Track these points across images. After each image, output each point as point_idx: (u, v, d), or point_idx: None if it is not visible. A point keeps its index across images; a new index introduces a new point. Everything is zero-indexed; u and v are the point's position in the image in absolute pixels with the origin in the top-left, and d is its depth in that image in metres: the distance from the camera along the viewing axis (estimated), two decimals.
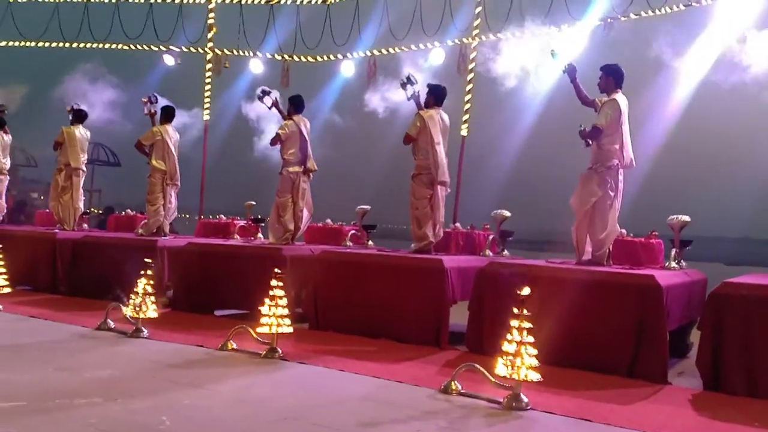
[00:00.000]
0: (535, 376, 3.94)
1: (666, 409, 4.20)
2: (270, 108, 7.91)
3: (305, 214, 7.92)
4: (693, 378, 4.90)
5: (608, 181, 5.79)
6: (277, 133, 7.71)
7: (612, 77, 5.92)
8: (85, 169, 9.75)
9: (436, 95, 6.88)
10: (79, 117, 9.52)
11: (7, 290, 6.95)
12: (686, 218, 6.46)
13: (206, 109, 11.94)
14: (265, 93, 7.97)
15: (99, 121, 9.86)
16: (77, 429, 3.24)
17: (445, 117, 6.89)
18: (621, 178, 5.86)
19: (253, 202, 9.41)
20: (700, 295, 5.98)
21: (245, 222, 9.57)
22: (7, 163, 10.23)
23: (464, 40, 10.45)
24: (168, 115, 8.79)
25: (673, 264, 6.33)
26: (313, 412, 3.78)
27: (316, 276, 6.63)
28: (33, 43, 13.16)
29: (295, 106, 7.88)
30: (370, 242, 8.38)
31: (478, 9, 10.23)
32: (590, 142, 5.88)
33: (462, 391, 4.23)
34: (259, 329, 5.09)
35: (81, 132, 9.49)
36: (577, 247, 6.02)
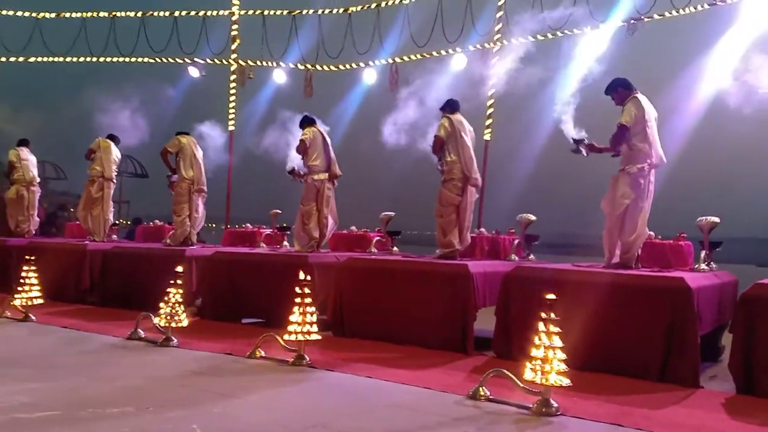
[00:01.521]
0: (565, 381, 3.90)
1: (699, 414, 4.13)
2: None
3: (330, 221, 7.95)
4: (725, 382, 4.82)
5: (640, 182, 5.67)
6: (301, 140, 7.75)
7: (620, 88, 5.85)
8: (115, 180, 9.94)
9: (450, 106, 6.95)
10: (113, 138, 9.76)
11: (40, 301, 7.09)
12: (715, 219, 6.37)
13: (231, 119, 12.09)
14: None
15: (126, 136, 10.03)
16: None
17: (466, 122, 6.90)
18: (652, 179, 5.78)
19: (279, 211, 9.49)
20: (732, 298, 5.88)
21: (271, 230, 9.64)
22: (35, 176, 10.47)
23: (486, 45, 10.45)
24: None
25: (703, 266, 6.23)
26: (341, 419, 3.79)
27: (342, 283, 6.66)
28: (60, 59, 13.45)
29: (308, 122, 7.93)
30: (395, 248, 8.39)
31: (500, 14, 10.23)
32: (580, 150, 6.01)
33: (490, 397, 4.21)
34: (287, 337, 5.13)
35: (114, 145, 9.72)
36: (608, 252, 5.92)
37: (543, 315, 3.97)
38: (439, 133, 6.74)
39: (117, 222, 11.98)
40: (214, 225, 9.63)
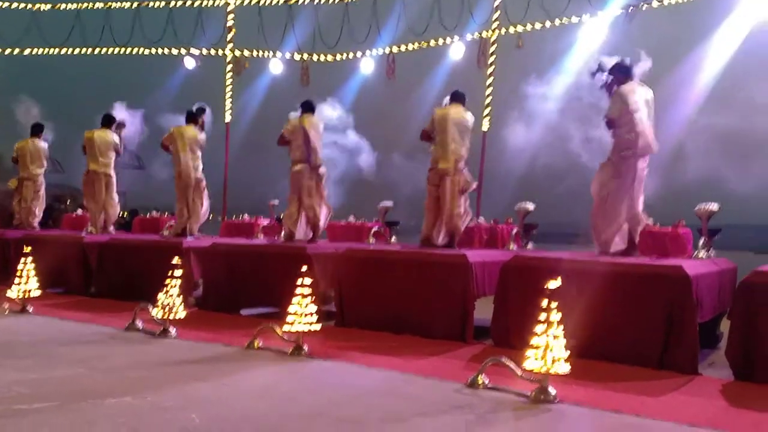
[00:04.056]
0: (564, 369, 3.90)
1: (697, 400, 4.14)
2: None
3: (323, 210, 7.87)
4: (724, 369, 4.82)
5: (622, 170, 5.80)
6: (281, 133, 7.76)
7: (614, 75, 5.99)
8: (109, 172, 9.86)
9: (452, 98, 7.03)
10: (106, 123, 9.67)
11: (37, 293, 7.07)
12: (714, 207, 6.36)
13: (228, 110, 12.04)
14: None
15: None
16: (108, 428, 3.29)
17: (463, 113, 6.87)
18: (642, 166, 5.79)
19: (276, 202, 9.46)
20: (730, 285, 5.88)
21: (269, 221, 9.62)
22: (37, 169, 10.39)
23: (483, 33, 10.41)
24: (186, 116, 8.85)
25: (702, 253, 6.24)
26: (339, 407, 3.79)
27: (341, 274, 6.65)
28: (56, 50, 13.38)
29: (305, 108, 7.88)
30: (394, 239, 8.38)
31: (497, 2, 10.17)
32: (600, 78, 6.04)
33: (489, 385, 4.21)
34: (285, 327, 5.12)
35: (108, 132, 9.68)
36: (596, 239, 6.02)
37: (543, 303, 3.96)
38: (426, 128, 6.90)
39: (123, 214, 11.99)
40: (211, 216, 9.58)
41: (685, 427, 3.55)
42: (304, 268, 5.20)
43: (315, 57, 11.87)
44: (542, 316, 3.96)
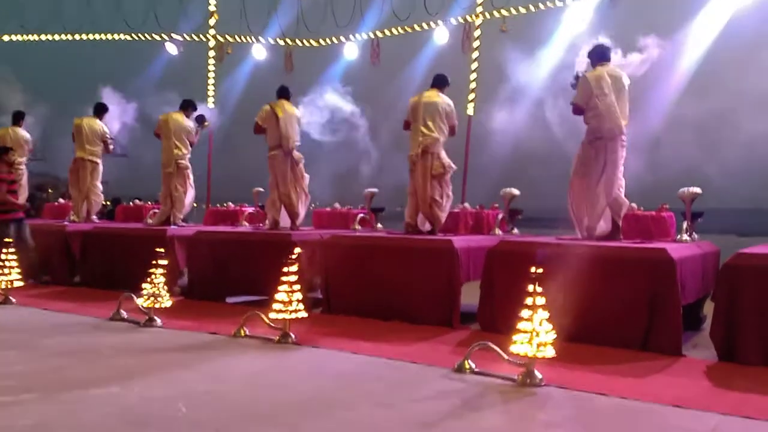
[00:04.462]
0: (549, 353, 3.93)
1: (681, 381, 4.19)
2: None
3: (302, 196, 7.80)
4: (707, 350, 4.88)
5: (593, 155, 5.87)
6: (255, 121, 7.75)
7: (589, 59, 6.07)
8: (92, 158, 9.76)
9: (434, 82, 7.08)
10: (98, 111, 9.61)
11: (20, 284, 7.00)
12: (697, 190, 6.41)
13: (210, 96, 11.92)
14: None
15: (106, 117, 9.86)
16: (94, 418, 3.27)
17: (436, 97, 6.87)
18: (615, 149, 5.80)
19: (261, 189, 9.40)
20: (713, 267, 5.94)
21: (253, 209, 9.57)
22: (18, 158, 10.23)
23: (468, 18, 10.35)
24: (180, 104, 8.79)
25: (685, 237, 6.29)
26: (328, 394, 3.79)
27: (327, 261, 6.64)
28: (36, 37, 13.15)
29: (279, 94, 7.85)
30: (379, 225, 8.37)
31: None
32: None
33: (476, 369, 4.23)
34: (272, 315, 5.10)
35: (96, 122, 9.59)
36: (576, 221, 6.09)
37: (529, 288, 3.98)
38: (407, 118, 6.97)
39: (106, 203, 11.87)
40: (195, 204, 9.51)
41: (670, 407, 3.59)
42: (295, 252, 5.18)
43: (298, 42, 11.76)
44: (528, 301, 3.97)
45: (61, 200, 12.07)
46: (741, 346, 4.62)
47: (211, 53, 12.07)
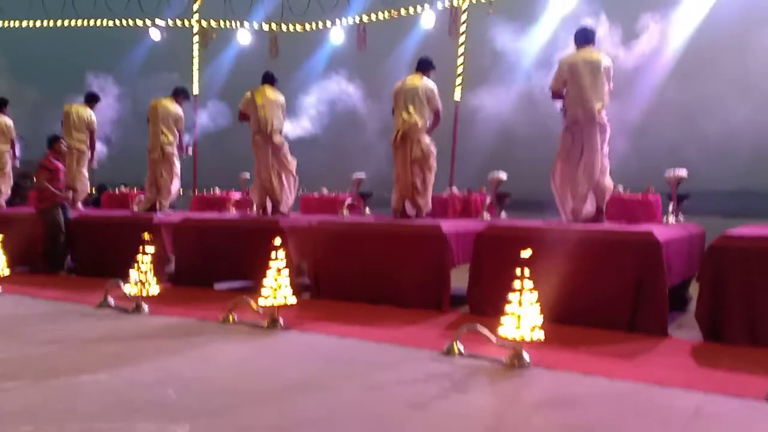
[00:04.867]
0: (537, 335, 3.96)
1: (666, 361, 4.23)
2: None
3: (284, 182, 7.74)
4: (693, 330, 4.93)
5: (566, 138, 5.95)
6: (239, 109, 7.73)
7: (574, 41, 6.08)
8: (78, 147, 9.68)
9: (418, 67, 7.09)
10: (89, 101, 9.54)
11: (6, 272, 6.94)
12: (683, 172, 6.46)
13: (196, 82, 11.82)
14: None
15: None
16: (83, 405, 3.26)
17: (417, 81, 6.85)
18: (593, 133, 5.82)
19: (247, 175, 9.36)
20: (699, 249, 6.00)
21: (240, 195, 9.53)
22: (2, 146, 10.12)
23: (455, 2, 10.31)
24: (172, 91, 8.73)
25: (671, 219, 6.34)
26: (318, 379, 3.80)
27: (315, 246, 6.63)
28: (16, 23, 12.96)
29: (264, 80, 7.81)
30: (367, 210, 8.37)
31: None
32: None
33: (465, 352, 4.26)
34: (261, 301, 5.10)
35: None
36: (561, 205, 6.15)
37: (517, 271, 3.99)
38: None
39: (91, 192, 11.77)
40: (182, 191, 9.46)
41: (655, 386, 3.63)
42: (276, 243, 5.16)
43: (284, 27, 11.66)
44: (516, 284, 3.99)
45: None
46: (726, 325, 4.68)
47: (196, 39, 11.95)
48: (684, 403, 3.34)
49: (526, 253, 3.99)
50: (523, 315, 3.96)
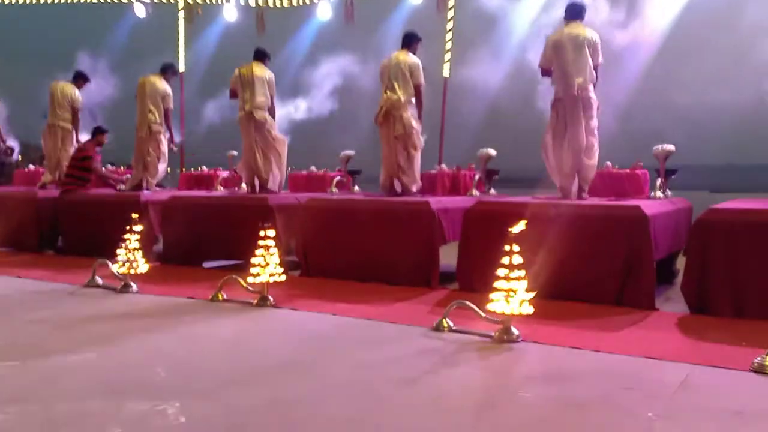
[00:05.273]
0: (526, 310, 3.98)
1: (653, 334, 4.27)
2: None
3: (272, 159, 7.66)
4: (680, 303, 4.98)
5: (552, 115, 5.96)
6: (230, 86, 7.68)
7: (564, 16, 6.04)
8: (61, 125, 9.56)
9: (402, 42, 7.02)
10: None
11: None
12: (671, 147, 6.47)
13: (182, 59, 11.67)
14: None
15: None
16: (72, 385, 3.24)
17: (402, 57, 6.80)
18: (573, 109, 5.81)
19: (235, 152, 9.29)
20: (686, 223, 6.04)
21: (228, 173, 9.47)
22: None
23: None
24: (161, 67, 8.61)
25: (659, 193, 6.36)
26: (307, 356, 3.81)
27: (304, 224, 6.61)
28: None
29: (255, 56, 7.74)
30: (356, 187, 8.34)
31: None
32: None
33: (454, 328, 4.28)
34: (250, 278, 5.08)
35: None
36: (558, 183, 6.13)
37: (506, 247, 4.00)
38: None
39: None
40: (169, 170, 9.38)
41: (642, 359, 3.66)
42: (266, 220, 5.14)
43: (270, 3, 11.49)
44: (505, 260, 4.00)
45: (31, 166, 11.83)
46: (712, 298, 4.73)
47: (181, 15, 11.77)
48: (671, 375, 3.37)
49: (515, 229, 3.99)
50: (511, 290, 3.97)
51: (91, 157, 8.51)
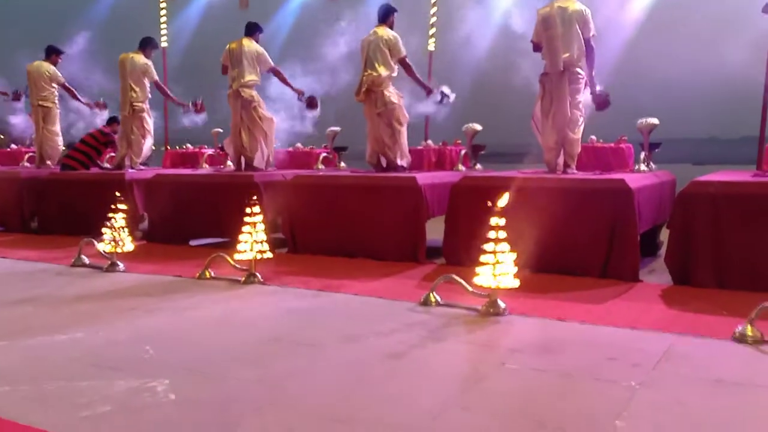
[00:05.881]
0: (512, 283, 4.02)
1: (638, 305, 4.34)
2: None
3: (258, 137, 7.59)
4: (663, 275, 5.05)
5: (540, 89, 5.97)
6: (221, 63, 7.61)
7: None
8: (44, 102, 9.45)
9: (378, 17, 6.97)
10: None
11: None
12: (655, 121, 6.51)
13: (163, 35, 11.50)
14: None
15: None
16: (60, 363, 3.25)
17: (380, 33, 6.76)
18: (559, 84, 5.82)
19: (220, 130, 9.23)
20: (670, 196, 6.10)
21: (213, 150, 9.41)
22: None
23: None
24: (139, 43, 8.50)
25: (643, 167, 6.42)
26: (296, 332, 3.83)
27: (291, 201, 6.60)
28: None
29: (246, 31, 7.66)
30: (342, 164, 8.33)
31: None
32: None
33: (441, 302, 4.32)
34: (237, 256, 5.08)
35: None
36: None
37: (492, 221, 4.02)
38: None
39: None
40: (154, 147, 9.30)
41: (626, 330, 3.73)
42: (253, 196, 5.13)
43: None
44: (491, 234, 4.03)
45: (13, 146, 11.69)
46: (695, 269, 4.80)
47: None
48: (655, 345, 3.43)
49: (500, 202, 4.01)
50: (497, 264, 4.00)
51: (114, 141, 8.69)
